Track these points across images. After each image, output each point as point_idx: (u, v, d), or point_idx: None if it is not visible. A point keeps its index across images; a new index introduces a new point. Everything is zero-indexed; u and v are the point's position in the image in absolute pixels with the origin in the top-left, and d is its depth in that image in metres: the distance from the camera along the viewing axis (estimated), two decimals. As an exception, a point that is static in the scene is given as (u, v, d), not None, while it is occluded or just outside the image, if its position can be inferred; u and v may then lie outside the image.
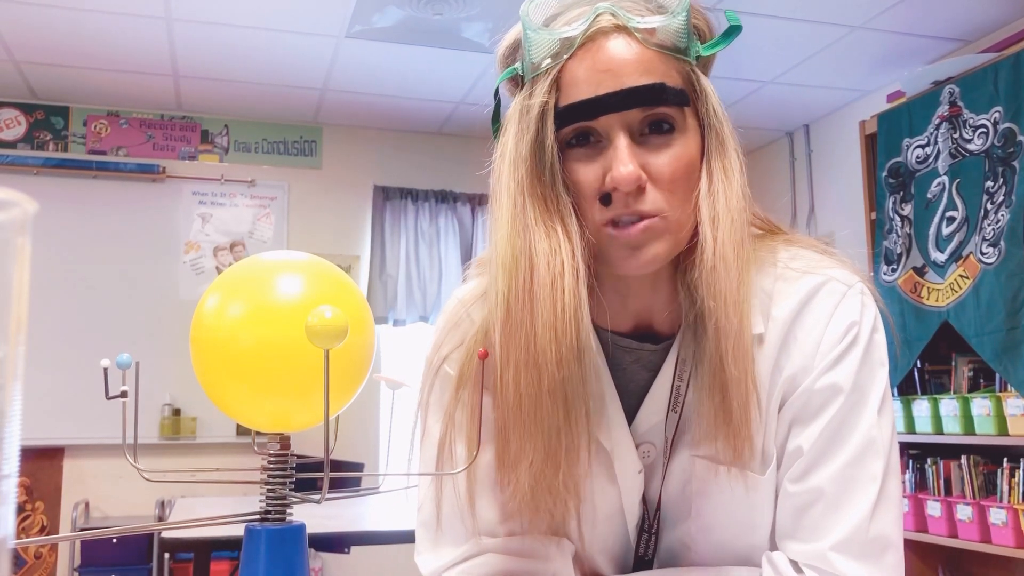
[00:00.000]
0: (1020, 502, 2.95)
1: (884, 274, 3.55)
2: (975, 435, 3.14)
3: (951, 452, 3.27)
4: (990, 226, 3.10)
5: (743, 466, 0.80)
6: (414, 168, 4.78)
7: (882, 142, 3.63)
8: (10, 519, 0.34)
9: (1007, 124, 3.07)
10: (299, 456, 0.75)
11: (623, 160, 0.74)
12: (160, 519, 4.06)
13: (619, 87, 0.75)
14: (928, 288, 3.37)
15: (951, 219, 3.29)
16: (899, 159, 3.55)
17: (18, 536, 3.77)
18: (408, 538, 0.91)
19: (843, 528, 0.77)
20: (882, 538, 0.77)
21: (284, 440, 0.74)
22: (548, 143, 0.77)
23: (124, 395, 0.75)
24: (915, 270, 3.44)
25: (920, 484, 3.39)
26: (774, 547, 0.82)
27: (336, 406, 0.72)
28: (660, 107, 0.76)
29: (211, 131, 4.61)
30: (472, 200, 4.77)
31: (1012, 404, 2.99)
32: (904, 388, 3.48)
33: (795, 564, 0.79)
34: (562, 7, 0.80)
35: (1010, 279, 3.00)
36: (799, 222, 4.59)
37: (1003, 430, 3.03)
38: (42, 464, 4.16)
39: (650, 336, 0.86)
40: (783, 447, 0.82)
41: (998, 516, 3.00)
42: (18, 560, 4.08)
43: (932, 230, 3.37)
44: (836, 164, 4.43)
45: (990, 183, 3.12)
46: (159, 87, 4.20)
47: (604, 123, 0.76)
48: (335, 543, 2.84)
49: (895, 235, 3.54)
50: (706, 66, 0.82)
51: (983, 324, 3.09)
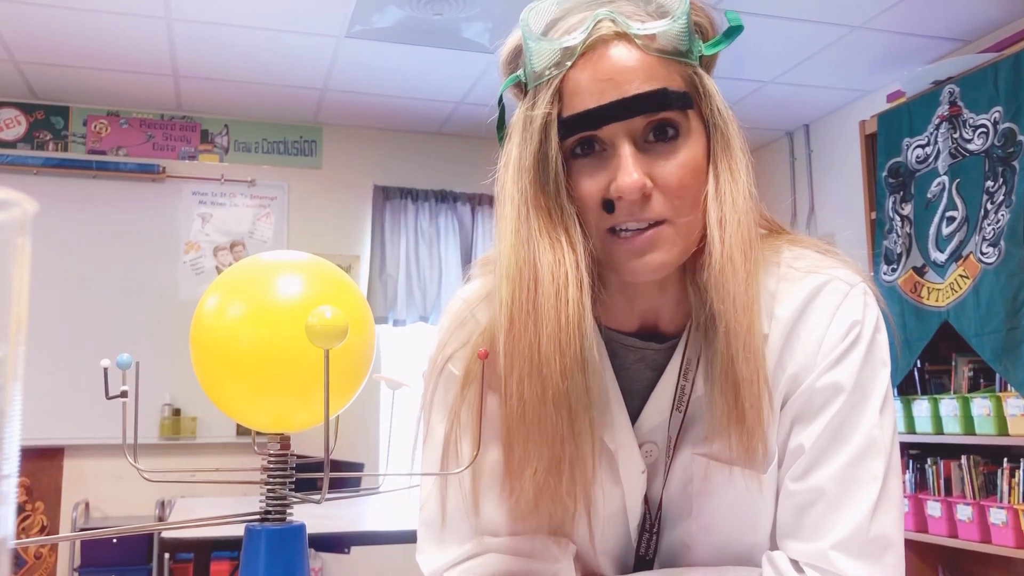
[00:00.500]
0: (1020, 502, 2.95)
1: (884, 274, 3.55)
2: (975, 435, 3.14)
3: (951, 452, 3.27)
4: (990, 226, 3.10)
5: (751, 465, 0.80)
6: (414, 168, 4.78)
7: (882, 142, 3.63)
8: (10, 519, 0.34)
9: (1007, 124, 3.07)
10: (299, 456, 0.75)
11: (627, 169, 0.74)
12: (160, 519, 4.06)
13: (621, 95, 0.75)
14: (928, 288, 3.37)
15: (951, 219, 3.29)
16: (899, 159, 3.55)
17: (18, 536, 3.77)
18: (408, 538, 0.91)
19: (844, 527, 0.77)
20: (883, 538, 0.77)
21: (284, 440, 0.74)
22: (552, 154, 0.77)
23: (124, 395, 0.75)
24: (915, 270, 3.44)
25: (920, 484, 3.39)
26: (775, 546, 0.82)
27: (336, 406, 0.72)
28: (663, 113, 0.76)
29: (211, 131, 4.61)
30: (472, 200, 4.77)
31: (1012, 404, 2.99)
32: (904, 388, 3.47)
33: (795, 563, 0.79)
34: (562, 12, 0.79)
35: (1010, 279, 2.99)
36: (799, 222, 4.59)
37: (1003, 430, 3.03)
38: (42, 464, 4.16)
39: (655, 336, 0.86)
40: (784, 446, 0.82)
41: (998, 516, 2.99)
42: (18, 560, 4.08)
43: (932, 230, 3.37)
44: (836, 164, 4.43)
45: (990, 183, 3.12)
46: (159, 87, 4.20)
47: (608, 132, 0.76)
48: (335, 543, 2.84)
49: (895, 235, 3.54)
50: (709, 64, 0.82)
51: (983, 324, 3.09)
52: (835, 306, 0.82)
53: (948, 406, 3.25)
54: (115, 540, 3.88)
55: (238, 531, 0.71)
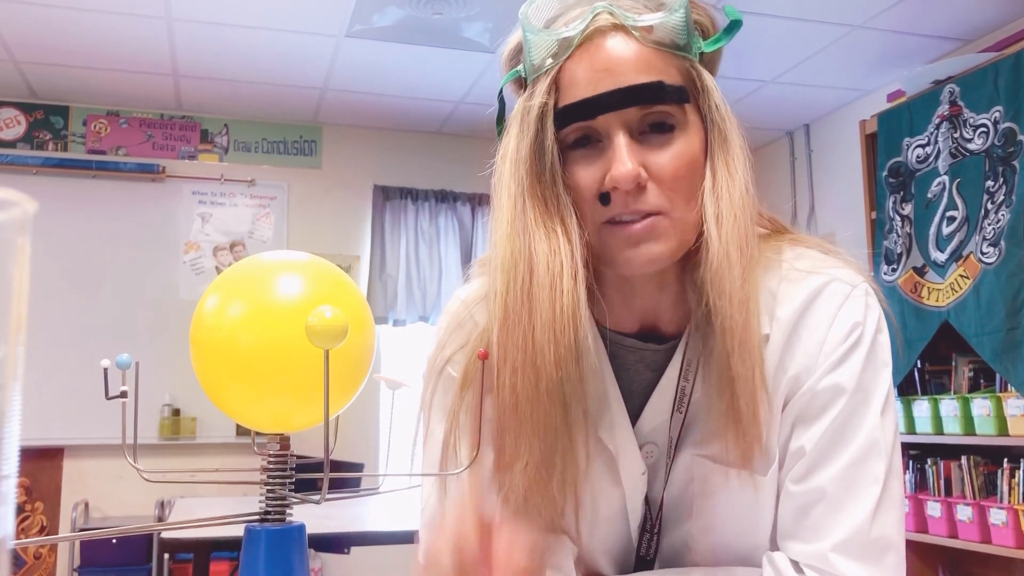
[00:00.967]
0: (1020, 502, 2.95)
1: (884, 274, 3.55)
2: (975, 435, 3.14)
3: (951, 452, 3.27)
4: (990, 226, 3.10)
5: (749, 466, 0.80)
6: (414, 168, 4.78)
7: (882, 142, 3.63)
8: (10, 519, 0.34)
9: (1007, 124, 3.07)
10: (299, 456, 0.75)
11: (622, 159, 0.74)
12: (160, 519, 4.06)
13: (617, 86, 0.75)
14: (928, 288, 3.37)
15: (951, 219, 3.29)
16: (899, 159, 3.55)
17: (18, 536, 3.77)
18: (408, 538, 0.91)
19: (844, 529, 0.76)
20: (883, 539, 0.76)
21: (284, 440, 0.74)
22: (548, 144, 0.77)
23: (124, 395, 0.75)
24: (915, 270, 3.44)
25: (920, 484, 3.39)
26: (775, 547, 0.82)
27: (336, 406, 0.72)
28: (659, 105, 0.76)
29: (211, 131, 4.61)
30: (472, 200, 4.77)
31: (1012, 404, 2.99)
32: (904, 388, 3.47)
33: (796, 564, 0.79)
34: (562, 8, 0.80)
35: (1010, 279, 2.99)
36: (799, 222, 4.58)
37: (1003, 430, 3.03)
38: (42, 464, 4.16)
39: (655, 336, 0.86)
40: (785, 447, 0.82)
41: (998, 516, 2.99)
42: (18, 560, 4.08)
43: (932, 230, 3.36)
44: (836, 164, 4.43)
45: (990, 183, 3.12)
46: (159, 87, 4.20)
47: (603, 122, 0.76)
48: (335, 543, 2.84)
49: (895, 235, 3.54)
50: (712, 63, 0.82)
51: (983, 324, 3.09)
52: (836, 307, 0.81)
53: (948, 406, 3.25)
54: (115, 540, 3.88)
55: (238, 531, 0.71)
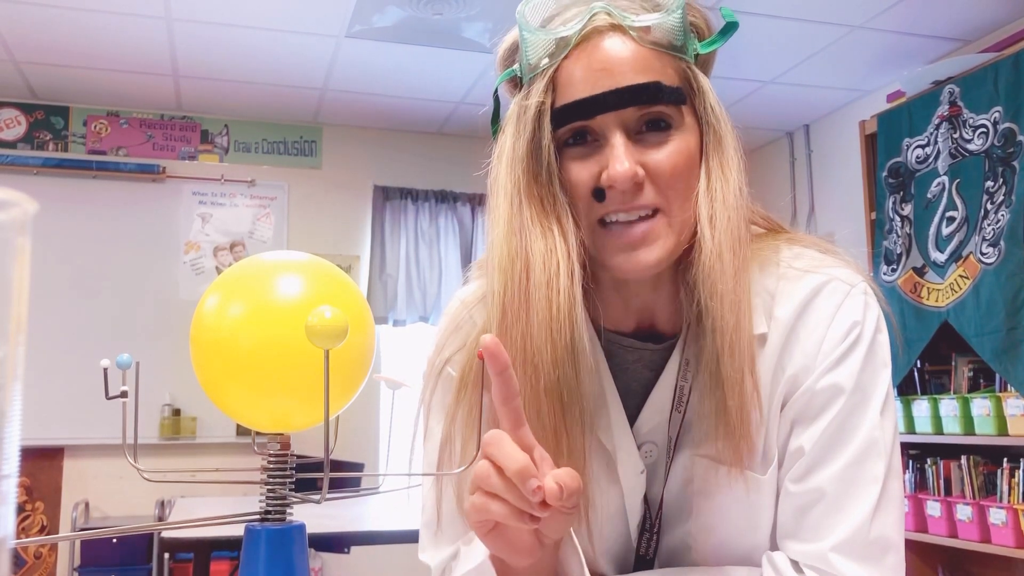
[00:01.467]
0: (1020, 502, 2.95)
1: (884, 274, 3.55)
2: (975, 435, 3.14)
3: (951, 452, 3.27)
4: (990, 226, 3.10)
5: (744, 466, 0.80)
6: (414, 168, 4.78)
7: (882, 142, 3.63)
8: (10, 519, 0.34)
9: (1007, 124, 3.07)
10: (299, 456, 0.75)
11: (619, 158, 0.74)
12: (160, 519, 4.06)
13: (614, 86, 0.75)
14: (928, 288, 3.37)
15: (951, 219, 3.29)
16: (899, 159, 3.55)
17: (18, 536, 3.77)
18: (408, 538, 0.91)
19: (844, 529, 0.76)
20: (883, 539, 0.76)
21: (284, 440, 0.74)
22: (545, 143, 0.77)
23: (124, 395, 0.75)
24: (915, 270, 3.44)
25: (920, 484, 3.39)
26: (775, 547, 0.82)
27: (336, 406, 0.72)
28: (656, 105, 0.76)
29: (211, 131, 4.61)
30: (472, 200, 4.77)
31: (1012, 404, 2.99)
32: (904, 388, 3.47)
33: (795, 564, 0.79)
34: (559, 8, 0.80)
35: (1010, 279, 2.99)
36: (799, 222, 4.58)
37: (1003, 430, 3.03)
38: (42, 464, 4.16)
39: (653, 336, 0.86)
40: (784, 447, 0.82)
41: (998, 516, 2.99)
42: (18, 560, 4.08)
43: (932, 230, 3.37)
44: (836, 164, 4.43)
45: (990, 183, 3.12)
46: (159, 87, 4.20)
47: (600, 122, 0.76)
48: (335, 543, 2.84)
49: (895, 235, 3.54)
50: (706, 65, 0.82)
51: (983, 324, 3.09)
52: (835, 306, 0.81)
53: (948, 406, 3.25)
54: (115, 540, 3.88)
55: (238, 531, 0.71)
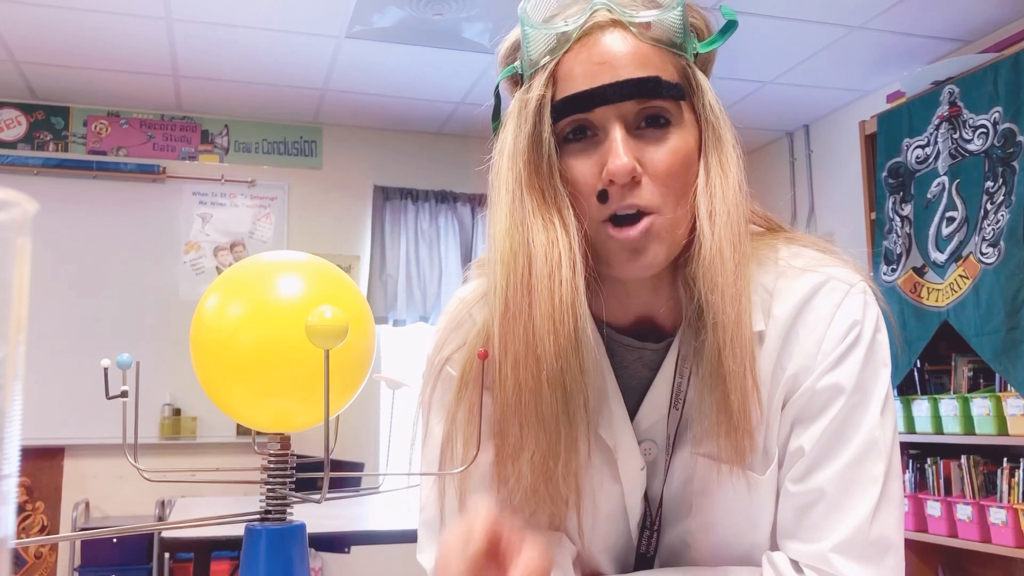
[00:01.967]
0: (1020, 502, 2.95)
1: (884, 274, 3.55)
2: (975, 435, 3.14)
3: (951, 452, 3.27)
4: (990, 226, 3.10)
5: (744, 464, 0.80)
6: (414, 168, 4.78)
7: (882, 142, 3.63)
8: (10, 519, 0.34)
9: (1007, 124, 3.07)
10: (299, 456, 0.75)
11: (617, 153, 0.75)
12: (160, 519, 4.06)
13: (614, 79, 0.75)
14: (928, 288, 3.37)
15: (951, 219, 3.29)
16: (899, 159, 3.55)
17: (18, 536, 3.77)
18: (408, 538, 0.91)
19: (844, 529, 0.76)
20: (883, 540, 0.77)
21: (284, 440, 0.74)
22: (546, 136, 0.77)
23: (124, 395, 0.75)
24: (915, 270, 3.44)
25: (920, 484, 3.39)
26: (775, 546, 0.82)
27: (336, 406, 0.72)
28: (655, 100, 0.76)
29: (211, 131, 4.61)
30: (472, 200, 4.77)
31: (1012, 404, 2.99)
32: (904, 388, 3.47)
33: (795, 564, 0.79)
34: (561, 6, 0.80)
35: (1010, 279, 2.99)
36: (799, 222, 4.58)
37: (1003, 430, 3.03)
38: (42, 464, 4.16)
39: (652, 334, 0.86)
40: (784, 446, 0.82)
41: (998, 516, 3.00)
42: (18, 560, 4.08)
43: (932, 230, 3.37)
44: (836, 164, 4.43)
45: (990, 183, 3.12)
46: (159, 87, 4.20)
47: (600, 115, 0.76)
48: (335, 543, 2.83)
49: (895, 235, 3.54)
50: (706, 65, 0.83)
51: (983, 324, 3.09)
52: (834, 306, 0.81)
53: (948, 406, 3.25)
54: (115, 540, 3.88)
55: (238, 531, 0.71)
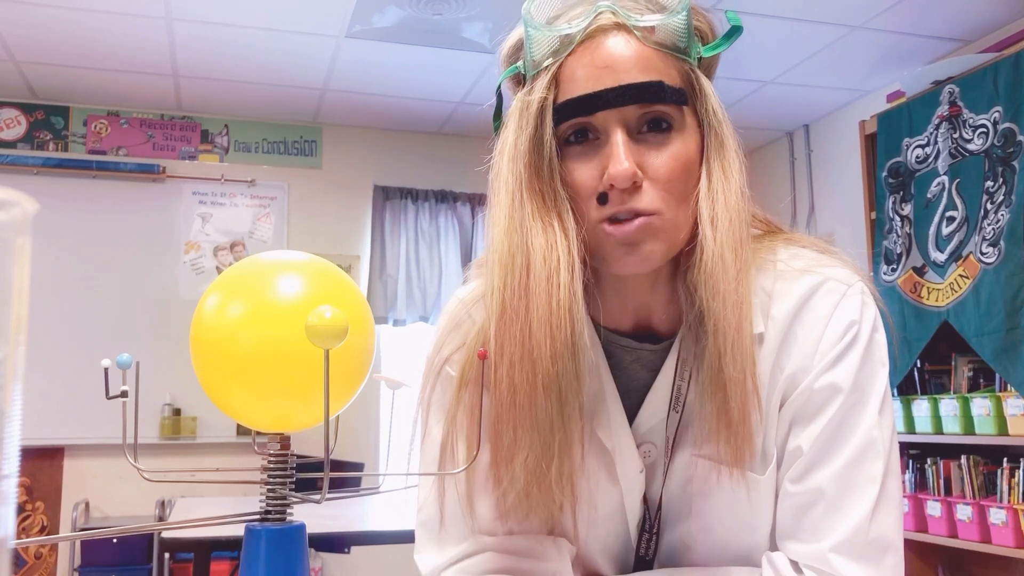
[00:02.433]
0: (1020, 502, 2.95)
1: (884, 274, 3.55)
2: (975, 435, 3.14)
3: (951, 452, 3.27)
4: (990, 226, 3.10)
5: (744, 466, 0.80)
6: (414, 168, 4.78)
7: (882, 142, 3.63)
8: (10, 519, 0.34)
9: (1007, 124, 3.07)
10: (299, 456, 0.75)
11: (619, 158, 0.75)
12: (160, 519, 4.06)
13: (617, 83, 0.75)
14: (928, 288, 3.37)
15: (951, 219, 3.29)
16: (899, 159, 3.55)
17: (18, 536, 3.77)
18: (408, 538, 0.91)
19: (843, 529, 0.76)
20: (882, 539, 0.77)
21: (284, 440, 0.74)
22: (547, 139, 0.77)
23: (124, 395, 0.75)
24: (915, 270, 3.44)
25: (920, 484, 3.39)
26: (775, 547, 0.82)
27: (336, 406, 0.72)
28: (658, 104, 0.76)
29: (211, 131, 4.61)
30: (472, 200, 4.77)
31: (1012, 404, 2.99)
32: (904, 388, 3.47)
33: (795, 564, 0.79)
34: (564, 7, 0.80)
35: (1010, 279, 2.99)
36: (799, 222, 4.59)
37: (1003, 430, 3.03)
38: (42, 464, 4.16)
39: (650, 336, 0.86)
40: (783, 447, 0.82)
41: (998, 516, 3.00)
42: (18, 560, 4.09)
43: (932, 230, 3.37)
44: (836, 164, 4.43)
45: (990, 183, 3.12)
46: (159, 87, 4.20)
47: (601, 119, 0.76)
48: (335, 543, 2.84)
49: (895, 235, 3.54)
50: (709, 68, 0.82)
51: (983, 324, 3.09)
52: (832, 306, 0.81)
53: (948, 406, 3.25)
54: (115, 540, 3.88)
55: (238, 531, 0.71)
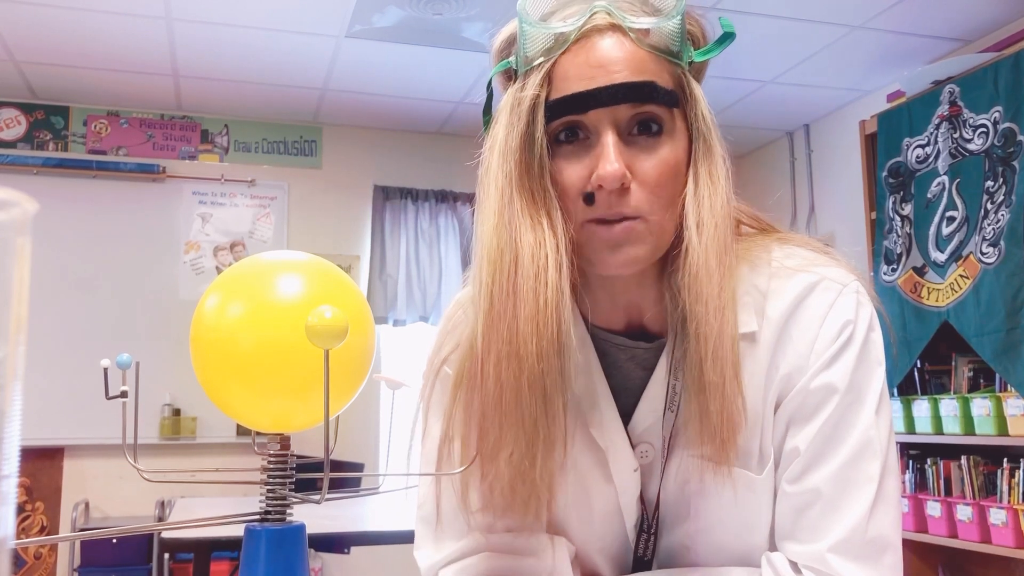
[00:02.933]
0: (1020, 502, 2.95)
1: (884, 274, 3.55)
2: (975, 435, 3.14)
3: (951, 452, 3.27)
4: (990, 226, 3.10)
5: (735, 466, 0.80)
6: (414, 168, 4.78)
7: (882, 142, 3.63)
8: (10, 519, 0.34)
9: (1007, 124, 3.07)
10: (299, 456, 0.75)
11: (609, 158, 0.75)
12: (160, 519, 4.06)
13: (610, 82, 0.75)
14: (928, 288, 3.37)
15: (951, 219, 3.29)
16: (899, 159, 3.55)
17: (18, 536, 3.77)
18: (408, 538, 0.91)
19: (841, 529, 0.76)
20: (880, 539, 0.77)
21: (284, 440, 0.74)
22: (538, 136, 0.77)
23: (124, 395, 0.75)
24: (915, 270, 3.44)
25: (920, 484, 3.39)
26: (774, 547, 0.82)
27: (336, 406, 0.72)
28: (649, 105, 0.76)
29: (211, 131, 4.61)
30: (472, 200, 4.75)
31: (1012, 404, 2.99)
32: (904, 388, 3.47)
33: (794, 565, 0.79)
34: (559, 4, 0.80)
35: (1010, 279, 2.99)
36: (799, 222, 4.59)
37: (1003, 430, 3.03)
38: (42, 464, 4.16)
39: (643, 335, 0.86)
40: (780, 447, 0.82)
41: (998, 516, 3.00)
42: (18, 560, 4.08)
43: (932, 230, 3.37)
44: (836, 164, 4.43)
45: (990, 183, 3.12)
46: (159, 87, 4.20)
47: (593, 118, 0.76)
48: (335, 543, 2.84)
49: (895, 235, 3.54)
50: (699, 73, 0.83)
51: (983, 324, 3.09)
52: (827, 306, 0.81)
53: (948, 406, 3.25)
54: (115, 540, 3.88)
55: (238, 531, 0.71)
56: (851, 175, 4.10)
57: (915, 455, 3.42)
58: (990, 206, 3.11)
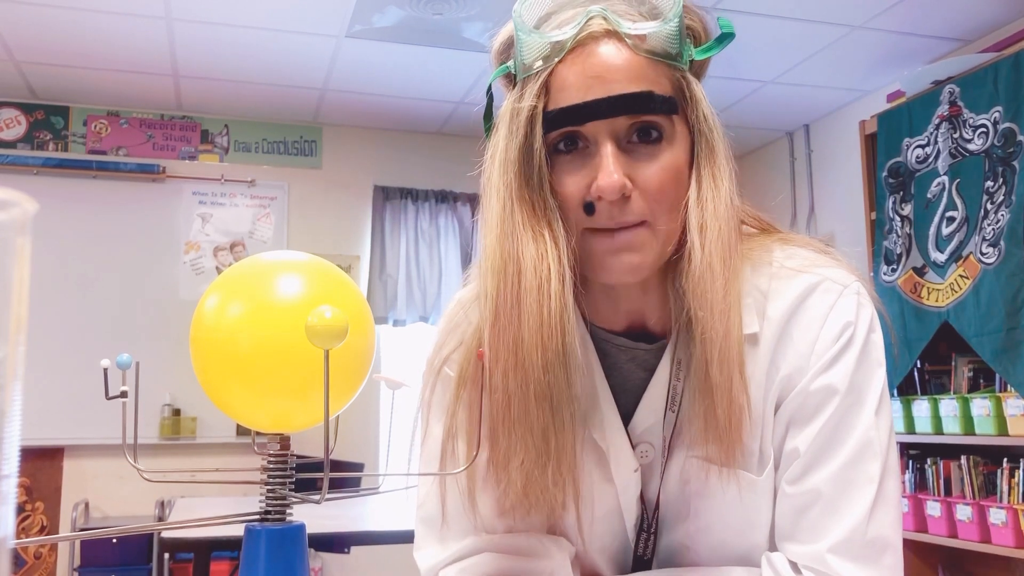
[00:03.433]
0: (1020, 502, 2.95)
1: (884, 274, 3.55)
2: (975, 435, 3.14)
3: (951, 452, 3.27)
4: (990, 226, 3.10)
5: (737, 467, 0.80)
6: (414, 168, 4.78)
7: (882, 142, 3.63)
8: (10, 519, 0.34)
9: (1007, 124, 3.07)
10: (299, 456, 0.75)
11: (608, 170, 0.74)
12: (160, 519, 4.06)
13: (607, 94, 0.75)
14: (928, 288, 3.37)
15: (951, 219, 3.29)
16: (899, 159, 3.55)
17: (18, 536, 3.77)
18: (408, 538, 0.91)
19: (841, 530, 0.76)
20: (880, 540, 0.77)
21: (284, 440, 0.74)
22: (536, 147, 0.77)
23: (124, 395, 0.75)
24: (915, 270, 3.44)
25: (920, 484, 3.39)
26: (774, 547, 0.82)
27: (336, 406, 0.72)
28: (648, 115, 0.76)
29: (211, 131, 4.61)
30: (472, 200, 4.76)
31: (1012, 404, 2.99)
32: (904, 388, 3.47)
33: (794, 565, 0.79)
34: (555, 7, 0.79)
35: (1010, 279, 2.99)
36: (799, 222, 4.59)
37: (1003, 430, 3.03)
38: (42, 464, 4.16)
39: (645, 336, 0.86)
40: (780, 448, 0.82)
41: (998, 516, 3.00)
42: (18, 560, 4.09)
43: (932, 230, 3.37)
44: (836, 164, 4.43)
45: (990, 183, 3.12)
46: (159, 87, 4.20)
47: (591, 129, 0.76)
48: (335, 543, 2.84)
49: (895, 235, 3.54)
50: (700, 70, 0.82)
51: (983, 324, 3.09)
52: (828, 307, 0.81)
53: (948, 406, 3.25)
54: (115, 540, 3.88)
55: (238, 531, 0.71)
56: (851, 175, 4.10)
57: (915, 455, 3.42)
58: (990, 206, 3.11)
